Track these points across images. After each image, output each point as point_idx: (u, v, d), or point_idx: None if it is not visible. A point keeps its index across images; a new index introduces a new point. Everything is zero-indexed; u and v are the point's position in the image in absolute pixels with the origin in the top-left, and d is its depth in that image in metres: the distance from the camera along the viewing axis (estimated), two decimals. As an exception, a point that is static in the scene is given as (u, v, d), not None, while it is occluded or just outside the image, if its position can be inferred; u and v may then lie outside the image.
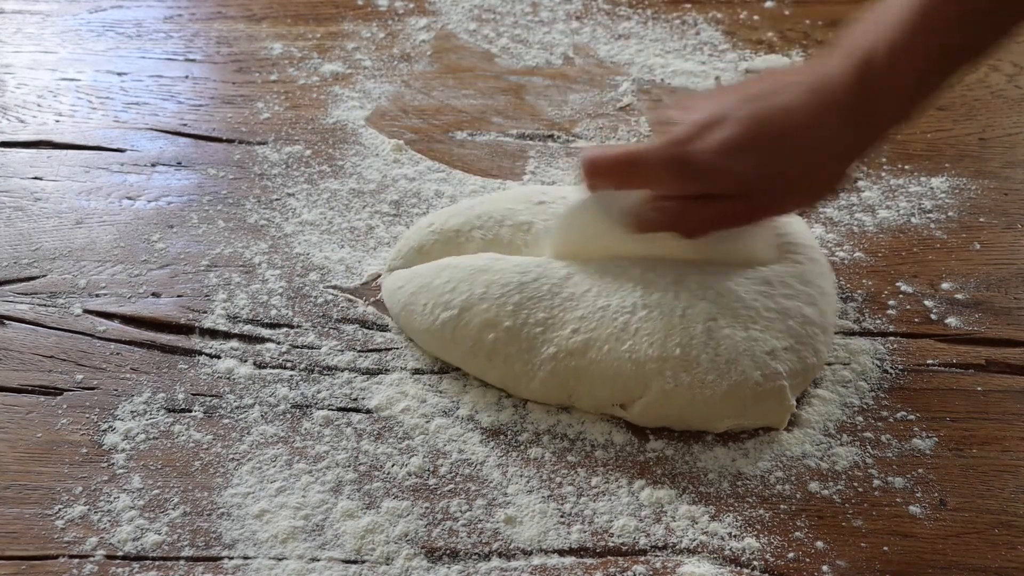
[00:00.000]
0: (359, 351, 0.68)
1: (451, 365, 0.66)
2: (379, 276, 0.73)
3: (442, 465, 0.60)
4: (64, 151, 0.86)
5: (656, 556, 0.56)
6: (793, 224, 0.69)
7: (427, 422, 0.63)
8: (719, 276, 0.64)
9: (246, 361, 0.67)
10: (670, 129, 0.61)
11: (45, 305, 0.71)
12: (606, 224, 0.64)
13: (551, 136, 0.88)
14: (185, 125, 0.89)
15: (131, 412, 0.64)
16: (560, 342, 0.62)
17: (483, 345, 0.64)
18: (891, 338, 0.68)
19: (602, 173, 0.63)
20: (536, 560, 0.55)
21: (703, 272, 0.64)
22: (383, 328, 0.69)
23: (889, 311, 0.70)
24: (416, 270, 0.69)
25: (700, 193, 0.61)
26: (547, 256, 0.67)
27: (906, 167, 0.83)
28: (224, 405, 0.64)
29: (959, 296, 0.71)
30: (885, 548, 0.56)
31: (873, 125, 0.59)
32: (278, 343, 0.68)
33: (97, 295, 0.72)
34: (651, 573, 0.55)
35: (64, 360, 0.67)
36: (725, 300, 0.63)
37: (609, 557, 0.56)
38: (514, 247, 0.69)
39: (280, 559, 0.55)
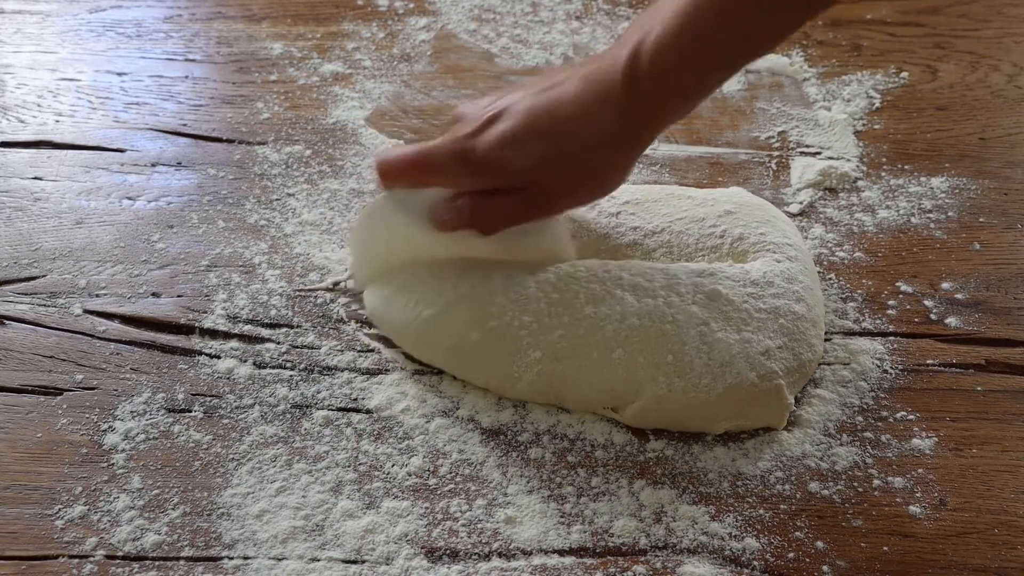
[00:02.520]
0: (359, 351, 0.68)
1: (451, 365, 0.66)
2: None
3: (442, 465, 0.60)
4: (64, 151, 0.86)
5: (656, 556, 0.56)
6: (773, 222, 0.69)
7: (427, 422, 0.63)
8: (708, 280, 0.64)
9: (246, 361, 0.67)
10: (460, 127, 0.62)
11: (45, 305, 0.71)
12: (407, 223, 0.65)
13: (551, 136, 0.88)
14: (185, 125, 0.89)
15: (131, 412, 0.64)
16: (546, 346, 0.62)
17: (466, 344, 0.64)
18: (891, 338, 0.68)
19: (395, 174, 0.63)
20: (536, 560, 0.55)
21: (692, 277, 0.64)
22: (383, 328, 0.69)
23: (889, 311, 0.70)
24: (396, 273, 0.68)
25: (487, 187, 0.61)
26: (351, 261, 0.69)
27: (906, 167, 0.83)
28: (224, 405, 0.64)
29: (959, 296, 0.71)
30: (885, 548, 0.56)
31: (647, 118, 0.59)
32: (278, 343, 0.68)
33: (97, 295, 0.72)
34: (651, 573, 0.55)
35: (64, 360, 0.67)
36: (715, 304, 0.63)
37: (609, 557, 0.56)
38: None
39: (280, 559, 0.55)
